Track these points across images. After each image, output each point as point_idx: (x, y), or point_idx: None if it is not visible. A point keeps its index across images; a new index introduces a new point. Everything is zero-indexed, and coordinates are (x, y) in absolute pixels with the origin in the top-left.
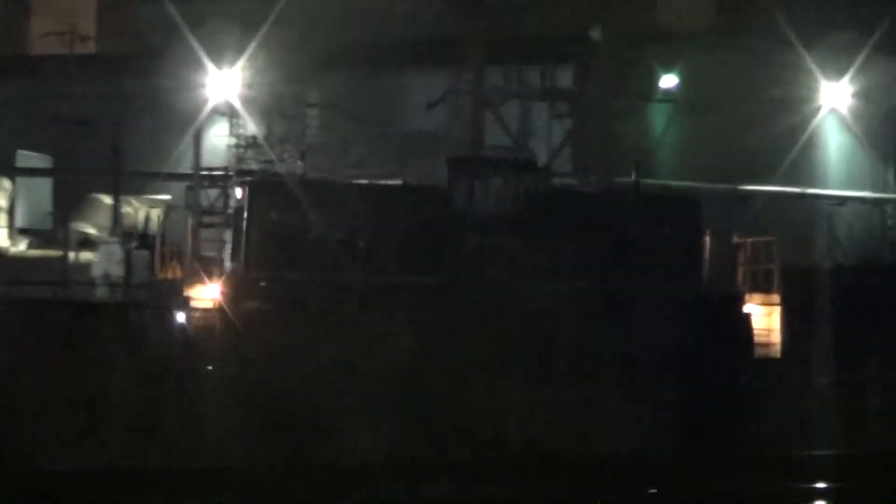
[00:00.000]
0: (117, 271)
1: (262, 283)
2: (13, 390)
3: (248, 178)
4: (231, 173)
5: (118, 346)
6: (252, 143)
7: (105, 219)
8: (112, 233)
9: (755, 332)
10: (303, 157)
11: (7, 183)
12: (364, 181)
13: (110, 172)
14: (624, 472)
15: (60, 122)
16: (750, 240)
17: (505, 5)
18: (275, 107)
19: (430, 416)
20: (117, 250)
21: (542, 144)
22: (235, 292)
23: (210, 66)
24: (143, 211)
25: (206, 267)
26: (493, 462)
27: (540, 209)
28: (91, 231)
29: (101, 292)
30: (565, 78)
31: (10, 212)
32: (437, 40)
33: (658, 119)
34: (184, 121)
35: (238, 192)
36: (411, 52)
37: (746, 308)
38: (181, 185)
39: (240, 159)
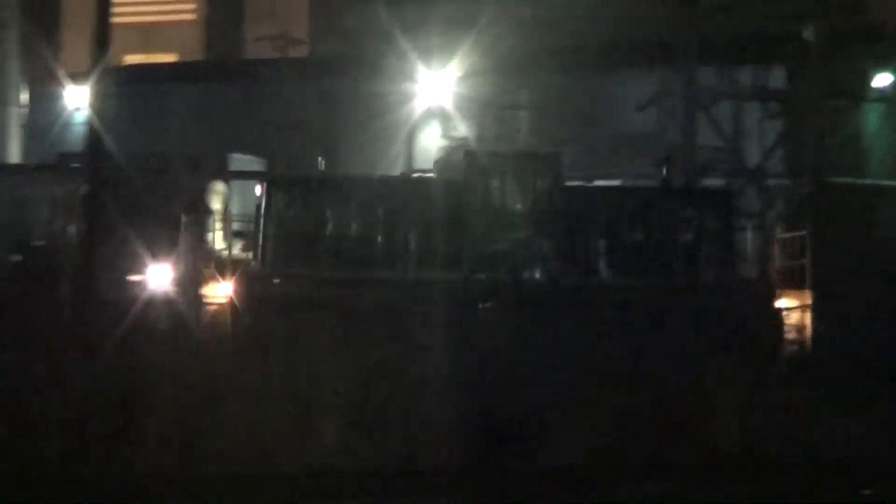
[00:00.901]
0: None
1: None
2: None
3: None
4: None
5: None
6: (464, 144)
7: None
8: None
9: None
10: None
11: (222, 186)
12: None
13: (322, 176)
14: (836, 472)
15: (273, 126)
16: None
17: (716, 5)
18: (487, 109)
19: (639, 414)
20: None
21: (754, 145)
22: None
23: (421, 68)
24: None
25: None
26: (705, 463)
27: (563, 204)
28: None
29: None
30: (777, 78)
31: (225, 215)
32: (648, 41)
33: (872, 118)
34: (396, 123)
35: (258, 190)
36: (623, 53)
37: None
38: None
39: None
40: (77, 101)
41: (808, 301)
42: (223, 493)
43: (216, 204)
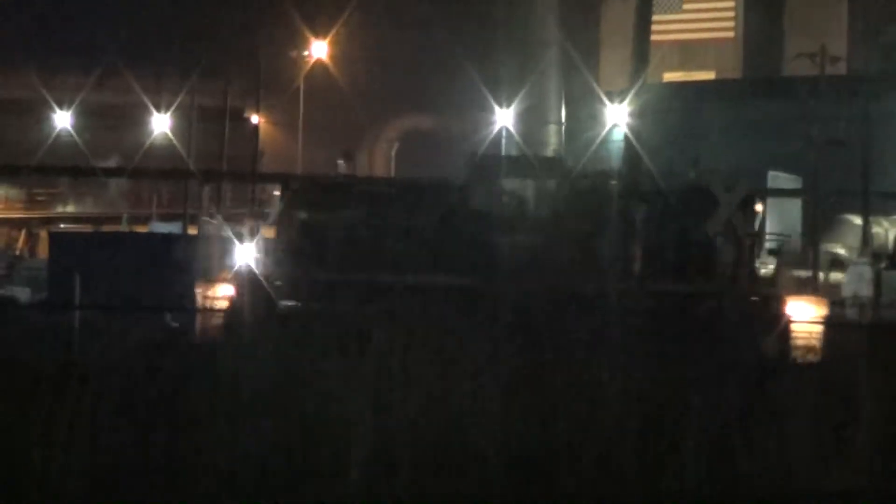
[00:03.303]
0: (865, 291)
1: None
2: None
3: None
4: None
5: None
6: None
7: (855, 239)
8: (861, 253)
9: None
10: None
11: (758, 204)
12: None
13: (859, 193)
14: None
15: (810, 143)
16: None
17: None
18: None
19: None
20: (867, 270)
21: None
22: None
23: None
24: (893, 231)
25: None
26: None
27: (563, 209)
28: (841, 251)
29: (849, 313)
30: None
31: (760, 232)
32: None
33: None
34: None
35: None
36: None
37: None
38: None
39: None
40: (615, 117)
41: None
42: None
43: (752, 222)
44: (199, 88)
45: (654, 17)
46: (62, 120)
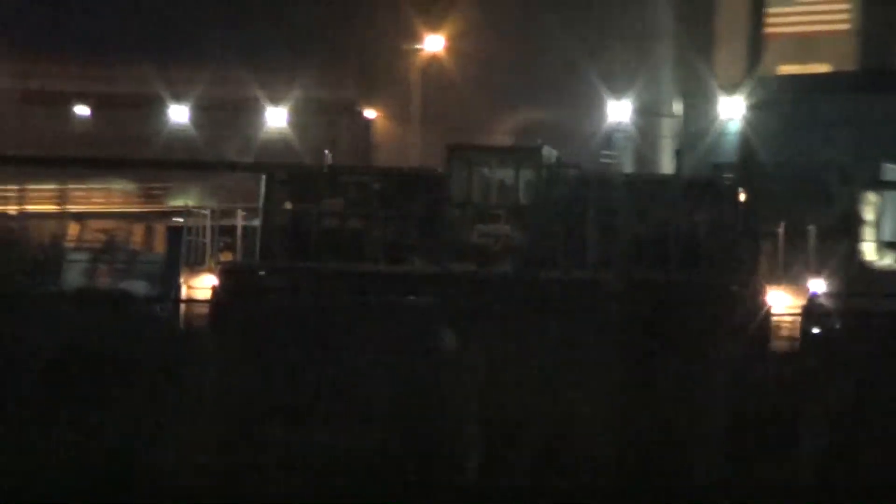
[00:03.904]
0: None
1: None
2: None
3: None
4: None
5: None
6: None
7: None
8: None
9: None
10: None
11: (874, 197)
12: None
13: None
14: None
15: None
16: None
17: None
18: None
19: None
20: None
21: None
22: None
23: None
24: None
25: None
26: None
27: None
28: None
29: None
30: None
31: (877, 225)
32: None
33: None
34: None
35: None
36: None
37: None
38: None
39: None
40: (729, 111)
41: None
42: None
43: (868, 214)
44: (313, 81)
45: (769, 10)
46: (179, 114)
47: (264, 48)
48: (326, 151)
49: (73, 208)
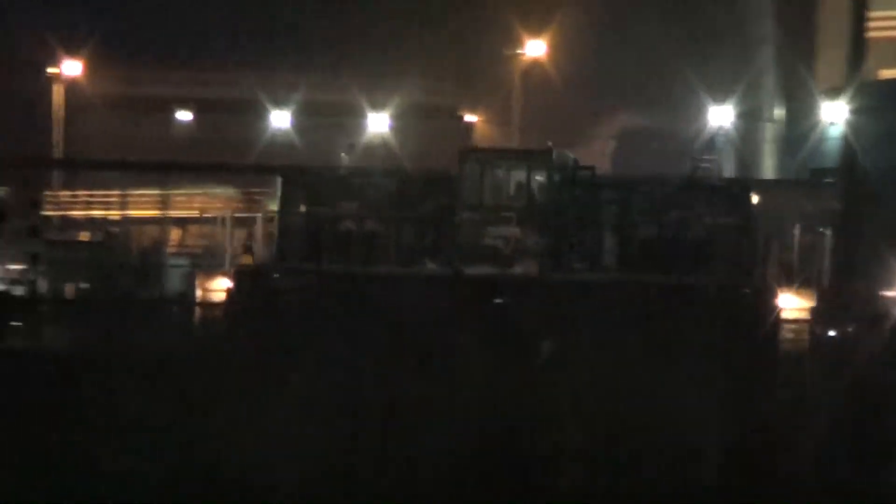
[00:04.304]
0: None
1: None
2: None
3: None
4: None
5: None
6: None
7: None
8: None
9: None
10: None
11: None
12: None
13: None
14: None
15: None
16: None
17: None
18: None
19: None
20: None
21: None
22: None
23: None
24: None
25: None
26: None
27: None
28: None
29: None
30: None
31: None
32: None
33: None
34: None
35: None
36: None
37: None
38: None
39: None
40: (832, 115)
41: None
42: None
43: None
44: (415, 87)
45: (871, 14)
46: (280, 119)
47: (367, 54)
48: (343, 154)
49: (174, 213)
